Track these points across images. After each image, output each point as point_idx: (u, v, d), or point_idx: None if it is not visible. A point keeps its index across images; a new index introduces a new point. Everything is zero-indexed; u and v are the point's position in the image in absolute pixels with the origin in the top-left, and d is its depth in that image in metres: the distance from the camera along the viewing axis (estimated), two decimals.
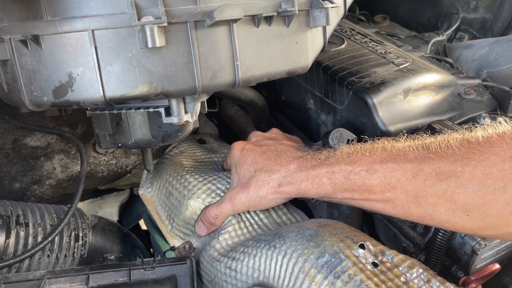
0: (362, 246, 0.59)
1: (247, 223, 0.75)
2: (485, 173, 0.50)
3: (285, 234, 0.64)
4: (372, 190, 0.60)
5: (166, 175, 0.87)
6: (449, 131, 0.70)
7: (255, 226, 0.75)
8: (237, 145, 0.79)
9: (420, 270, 0.57)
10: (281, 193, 0.70)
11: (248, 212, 0.76)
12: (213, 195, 0.78)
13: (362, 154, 0.63)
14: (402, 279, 0.55)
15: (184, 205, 0.79)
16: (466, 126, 0.59)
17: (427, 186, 0.55)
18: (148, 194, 0.90)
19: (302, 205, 0.84)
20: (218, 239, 0.73)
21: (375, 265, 0.57)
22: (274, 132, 0.84)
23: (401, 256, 0.59)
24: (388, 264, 0.58)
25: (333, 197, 0.66)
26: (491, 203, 0.50)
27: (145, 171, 0.94)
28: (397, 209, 0.59)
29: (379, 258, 0.58)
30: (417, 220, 0.58)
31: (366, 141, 0.66)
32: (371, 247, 0.60)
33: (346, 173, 0.63)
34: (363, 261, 0.57)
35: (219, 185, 0.80)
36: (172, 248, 0.80)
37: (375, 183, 0.60)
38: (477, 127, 0.55)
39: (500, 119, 0.55)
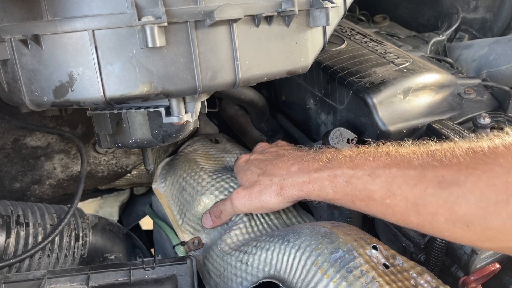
0: (375, 248, 0.60)
1: (258, 222, 0.77)
2: (488, 185, 0.49)
3: (299, 230, 0.66)
4: (372, 196, 0.59)
5: (180, 171, 0.89)
6: (452, 134, 0.70)
7: (265, 225, 0.77)
8: (244, 157, 0.82)
9: (429, 278, 0.58)
10: (284, 197, 0.70)
11: None
12: (225, 192, 0.81)
13: (366, 159, 0.62)
14: (412, 282, 0.56)
15: (197, 200, 0.82)
16: (469, 130, 0.57)
17: (428, 194, 0.54)
18: (161, 188, 0.92)
19: (302, 206, 0.85)
20: (230, 234, 0.75)
21: (386, 266, 0.58)
22: (279, 142, 0.86)
23: (411, 262, 0.60)
24: (399, 268, 0.59)
25: (334, 201, 0.65)
26: (493, 216, 0.49)
27: (159, 166, 0.97)
28: (397, 217, 0.58)
29: (390, 261, 0.59)
30: (417, 228, 0.58)
31: (370, 144, 0.65)
32: (383, 250, 0.61)
33: (348, 177, 0.62)
34: (375, 261, 0.58)
35: (232, 184, 0.82)
36: (182, 243, 0.81)
37: (376, 188, 0.59)
38: (483, 136, 0.54)
39: (507, 129, 0.53)
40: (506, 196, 0.48)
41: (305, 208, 0.85)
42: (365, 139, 0.77)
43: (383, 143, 0.64)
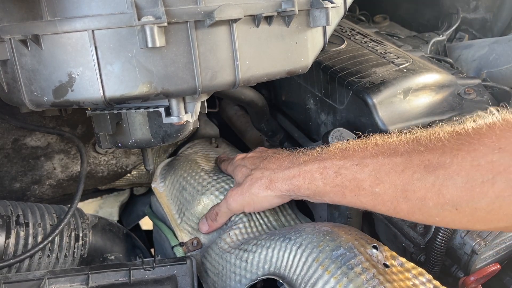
0: (375, 247, 0.61)
1: (257, 223, 0.78)
2: (473, 165, 0.49)
3: (301, 229, 0.66)
4: (361, 185, 0.60)
5: (180, 171, 0.90)
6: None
7: (264, 226, 0.77)
8: (240, 155, 0.84)
9: (428, 279, 0.58)
10: (273, 190, 0.70)
11: (259, 212, 0.79)
12: (225, 193, 0.81)
13: (354, 150, 0.62)
14: (411, 282, 0.57)
15: (197, 200, 0.82)
16: (457, 118, 0.58)
17: (415, 179, 0.54)
18: (160, 188, 0.92)
19: (302, 206, 0.85)
20: (229, 233, 0.76)
21: (386, 266, 0.59)
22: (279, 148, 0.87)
23: (410, 264, 0.61)
24: (398, 268, 0.59)
25: (324, 194, 0.65)
26: (480, 196, 0.48)
27: (159, 166, 0.97)
28: (386, 206, 0.58)
29: (390, 261, 0.60)
30: (408, 217, 0.57)
31: (360, 137, 0.66)
32: (383, 250, 0.61)
33: (337, 168, 0.62)
34: (376, 260, 0.59)
35: (232, 185, 0.83)
36: (181, 244, 0.81)
37: (365, 177, 0.59)
38: (467, 118, 0.54)
39: (491, 108, 0.53)
40: (491, 175, 0.48)
41: (305, 210, 0.85)
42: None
43: (372, 135, 0.64)
